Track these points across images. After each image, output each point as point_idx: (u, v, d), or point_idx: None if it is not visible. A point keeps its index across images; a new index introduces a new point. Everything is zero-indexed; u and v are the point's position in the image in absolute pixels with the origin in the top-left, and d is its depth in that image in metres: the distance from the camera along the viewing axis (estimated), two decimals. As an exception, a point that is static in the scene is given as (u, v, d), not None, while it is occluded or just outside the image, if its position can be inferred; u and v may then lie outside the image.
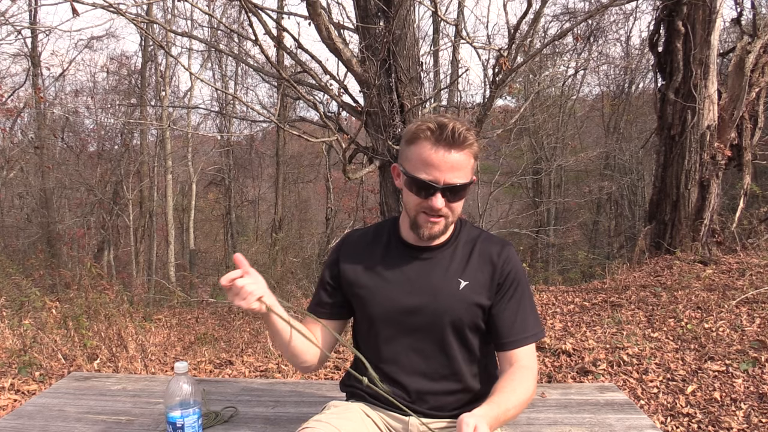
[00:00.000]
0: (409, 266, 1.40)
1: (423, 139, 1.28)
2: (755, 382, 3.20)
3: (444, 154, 1.26)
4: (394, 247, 1.44)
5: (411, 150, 1.31)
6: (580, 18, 9.40)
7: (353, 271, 1.44)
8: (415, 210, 1.33)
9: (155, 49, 14.02)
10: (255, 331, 5.35)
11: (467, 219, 1.51)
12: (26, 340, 4.01)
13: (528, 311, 1.39)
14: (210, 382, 2.09)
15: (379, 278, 1.41)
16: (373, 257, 1.44)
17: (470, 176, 1.32)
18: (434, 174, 1.27)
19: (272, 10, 4.34)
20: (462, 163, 1.28)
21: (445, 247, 1.41)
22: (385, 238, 1.46)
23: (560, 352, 3.91)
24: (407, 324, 1.38)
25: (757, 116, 6.83)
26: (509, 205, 16.58)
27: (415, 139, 1.30)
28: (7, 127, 13.89)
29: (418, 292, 1.38)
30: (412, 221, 1.36)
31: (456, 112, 5.92)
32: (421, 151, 1.28)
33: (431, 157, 1.27)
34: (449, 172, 1.27)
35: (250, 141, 17.72)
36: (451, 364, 1.39)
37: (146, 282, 11.36)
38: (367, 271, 1.43)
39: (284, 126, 5.18)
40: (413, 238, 1.41)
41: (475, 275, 1.38)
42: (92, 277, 4.93)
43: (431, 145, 1.27)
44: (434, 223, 1.32)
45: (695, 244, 6.50)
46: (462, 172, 1.29)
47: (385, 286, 1.40)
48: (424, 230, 1.34)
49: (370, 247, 1.46)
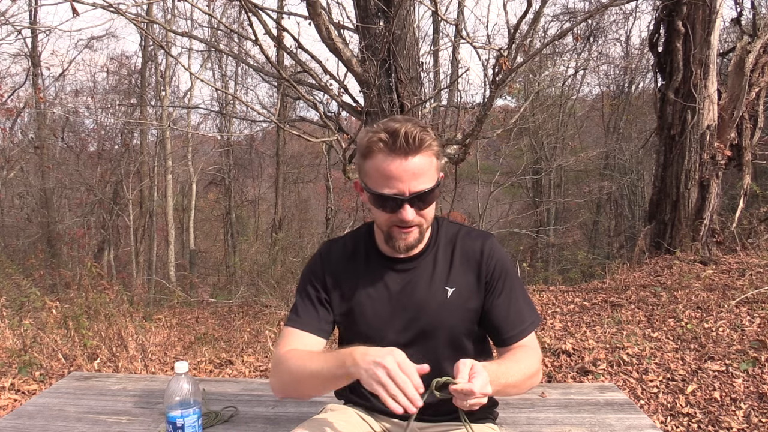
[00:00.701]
0: (393, 280, 1.35)
1: (377, 152, 1.20)
2: (755, 382, 3.20)
3: (402, 163, 1.18)
4: (373, 260, 1.37)
5: (368, 164, 1.23)
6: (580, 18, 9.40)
7: (338, 287, 1.37)
8: (387, 225, 1.27)
9: (155, 49, 14.02)
10: (255, 331, 5.36)
11: (443, 217, 1.46)
12: (26, 340, 4.01)
13: (521, 302, 1.35)
14: (210, 382, 2.09)
15: (364, 295, 1.35)
16: (356, 273, 1.37)
17: (436, 178, 1.25)
18: (397, 186, 1.20)
19: (272, 10, 4.34)
20: (423, 167, 1.21)
21: (426, 254, 1.36)
22: (363, 251, 1.39)
23: (560, 351, 3.91)
24: (398, 341, 1.32)
25: (757, 116, 6.83)
26: (509, 205, 16.59)
27: (369, 153, 1.22)
28: (7, 127, 13.92)
29: (406, 307, 1.33)
30: (385, 235, 1.30)
31: (456, 112, 5.91)
32: (379, 164, 1.20)
33: (389, 168, 1.19)
34: (412, 180, 1.20)
35: (250, 141, 17.72)
36: (446, 373, 1.38)
37: (146, 282, 11.37)
38: (352, 288, 1.36)
39: (284, 126, 5.18)
40: (391, 251, 1.35)
41: (461, 279, 1.34)
42: (92, 277, 4.93)
43: (386, 156, 1.19)
44: (408, 233, 1.26)
45: (695, 244, 6.50)
46: (426, 177, 1.21)
47: (372, 303, 1.34)
48: (399, 242, 1.27)
49: (352, 262, 1.39)
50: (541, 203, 13.88)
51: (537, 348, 1.35)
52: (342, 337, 1.44)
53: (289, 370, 1.25)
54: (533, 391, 1.97)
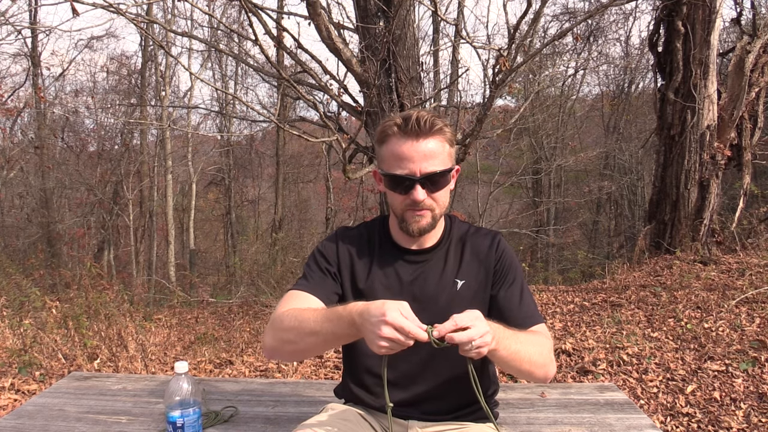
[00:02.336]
0: (405, 270, 1.37)
1: (391, 135, 1.27)
2: (755, 382, 3.20)
3: (413, 144, 1.24)
4: (387, 249, 1.40)
5: (383, 150, 1.30)
6: (580, 18, 9.40)
7: (351, 269, 1.39)
8: (401, 208, 1.31)
9: (155, 49, 14.02)
10: (255, 331, 5.36)
11: (455, 216, 1.48)
12: (26, 340, 4.01)
13: (529, 299, 1.38)
14: (210, 382, 2.09)
15: (376, 281, 1.37)
16: (369, 258, 1.39)
17: (448, 163, 1.29)
18: (409, 167, 1.25)
19: (272, 10, 4.34)
20: (435, 150, 1.26)
21: (438, 248, 1.39)
22: (376, 240, 1.42)
23: (560, 351, 3.91)
24: None
25: (756, 116, 6.83)
26: (509, 205, 16.57)
27: (384, 138, 1.29)
28: (7, 127, 13.92)
29: (416, 297, 1.34)
30: (400, 220, 1.33)
31: (456, 112, 5.91)
32: (392, 147, 1.27)
33: (401, 150, 1.25)
34: (423, 161, 1.24)
35: (250, 141, 17.71)
36: (451, 367, 1.38)
37: (146, 282, 11.37)
38: (364, 272, 1.38)
39: (284, 126, 5.18)
40: (405, 241, 1.38)
41: (471, 272, 1.37)
42: (92, 277, 4.94)
43: (399, 138, 1.25)
44: (420, 216, 1.29)
45: (695, 244, 6.50)
46: (437, 160, 1.26)
47: (383, 290, 1.36)
48: (412, 225, 1.31)
49: (365, 248, 1.41)
50: (541, 203, 13.87)
51: (550, 338, 1.35)
52: None
53: (287, 327, 1.22)
54: (533, 391, 1.97)
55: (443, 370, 1.38)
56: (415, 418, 1.39)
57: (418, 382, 1.38)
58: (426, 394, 1.38)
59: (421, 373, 1.38)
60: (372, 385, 1.41)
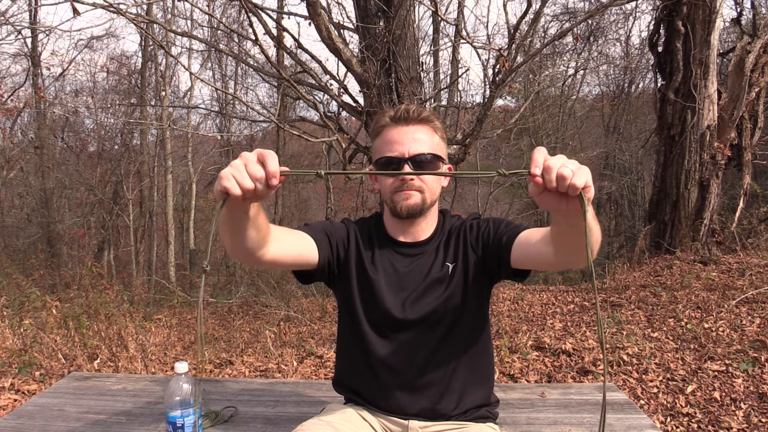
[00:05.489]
0: (400, 263, 1.40)
1: (383, 126, 1.36)
2: (755, 382, 3.20)
3: (402, 129, 1.32)
4: (383, 243, 1.43)
5: (376, 142, 1.38)
6: (580, 18, 9.39)
7: (353, 251, 1.41)
8: (391, 190, 1.33)
9: (155, 49, 14.01)
10: (255, 331, 5.35)
11: (447, 210, 1.50)
12: (26, 340, 4.01)
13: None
14: (210, 382, 2.09)
15: (374, 269, 1.40)
16: (369, 247, 1.43)
17: (438, 151, 1.34)
18: (398, 149, 1.31)
19: (272, 10, 4.35)
20: (423, 136, 1.32)
21: (432, 241, 1.42)
22: (374, 234, 1.45)
23: (560, 351, 3.91)
24: (405, 322, 1.37)
25: (756, 116, 6.83)
26: (509, 205, 16.57)
27: (377, 131, 1.38)
28: (7, 127, 13.90)
29: (414, 288, 1.37)
30: (390, 205, 1.36)
31: (456, 112, 5.91)
32: (383, 135, 1.35)
33: (391, 134, 1.33)
34: (411, 144, 1.30)
35: (250, 141, 17.68)
36: (451, 367, 1.38)
37: (146, 282, 11.37)
38: (363, 257, 1.41)
39: (284, 126, 5.18)
40: (399, 234, 1.42)
41: (458, 254, 1.39)
42: (92, 277, 4.94)
43: (389, 126, 1.34)
44: (408, 195, 1.32)
45: (695, 244, 6.50)
46: (425, 144, 1.32)
47: (379, 278, 1.39)
48: (401, 204, 1.32)
49: (365, 238, 1.44)
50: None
51: None
52: (344, 314, 1.46)
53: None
54: (533, 392, 1.97)
55: (443, 370, 1.38)
56: (415, 417, 1.39)
57: (417, 383, 1.38)
58: (426, 394, 1.38)
59: (421, 374, 1.38)
60: (372, 385, 1.41)
